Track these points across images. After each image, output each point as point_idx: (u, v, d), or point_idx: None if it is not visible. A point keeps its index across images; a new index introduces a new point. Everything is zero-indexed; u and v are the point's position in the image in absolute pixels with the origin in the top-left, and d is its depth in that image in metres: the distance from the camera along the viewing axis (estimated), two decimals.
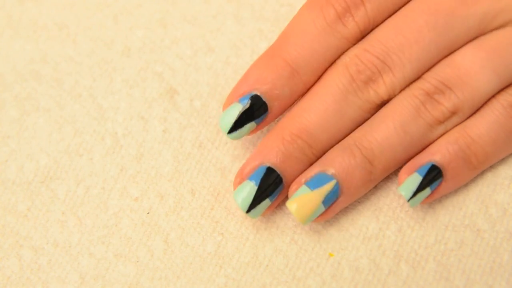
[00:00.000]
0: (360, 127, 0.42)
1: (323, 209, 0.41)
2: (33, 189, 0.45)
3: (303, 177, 0.41)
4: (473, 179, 0.43)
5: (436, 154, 0.41)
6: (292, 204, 0.41)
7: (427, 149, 0.42)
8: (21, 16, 0.49)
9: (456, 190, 0.43)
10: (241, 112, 0.42)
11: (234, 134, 0.42)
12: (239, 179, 0.42)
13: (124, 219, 0.44)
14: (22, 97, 0.47)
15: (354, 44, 0.43)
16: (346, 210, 0.43)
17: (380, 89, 0.42)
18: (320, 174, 0.41)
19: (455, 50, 0.42)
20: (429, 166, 0.41)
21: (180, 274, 0.43)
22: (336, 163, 0.41)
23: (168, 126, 0.46)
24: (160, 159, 0.45)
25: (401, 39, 0.42)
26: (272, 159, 0.41)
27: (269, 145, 0.42)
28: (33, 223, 0.44)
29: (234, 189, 0.42)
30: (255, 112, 0.42)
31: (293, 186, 0.42)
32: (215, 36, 0.48)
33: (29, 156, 0.45)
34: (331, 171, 0.41)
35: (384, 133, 0.41)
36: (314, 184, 0.41)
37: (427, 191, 0.41)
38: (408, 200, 0.41)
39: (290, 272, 0.42)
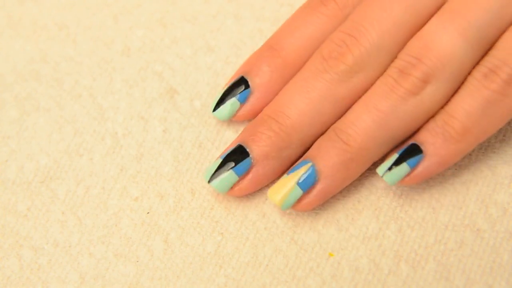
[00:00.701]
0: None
1: (300, 192, 0.42)
2: (33, 189, 0.45)
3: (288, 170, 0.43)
4: (473, 179, 0.43)
5: (416, 137, 0.42)
6: (270, 191, 0.42)
7: (412, 135, 0.42)
8: (21, 16, 0.49)
9: (456, 190, 0.43)
10: (225, 89, 0.44)
11: (218, 111, 0.44)
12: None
13: (124, 219, 0.44)
14: (22, 97, 0.47)
15: (335, 23, 0.44)
16: (346, 210, 0.43)
17: (347, 59, 0.42)
18: (300, 162, 0.42)
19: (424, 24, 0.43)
20: (408, 146, 0.42)
21: (180, 274, 0.43)
22: (313, 150, 0.42)
23: (168, 126, 0.46)
24: (160, 159, 0.45)
25: (369, 12, 0.42)
26: (243, 138, 0.43)
27: (245, 129, 0.43)
28: (33, 223, 0.44)
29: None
30: (236, 88, 0.44)
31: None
32: (215, 36, 0.48)
33: (29, 156, 0.45)
34: (309, 157, 0.42)
35: (356, 114, 0.42)
36: (291, 170, 0.42)
37: (405, 167, 0.42)
38: (382, 176, 0.42)
39: (290, 272, 0.42)
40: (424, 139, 0.42)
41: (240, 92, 0.44)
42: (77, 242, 0.43)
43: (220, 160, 0.43)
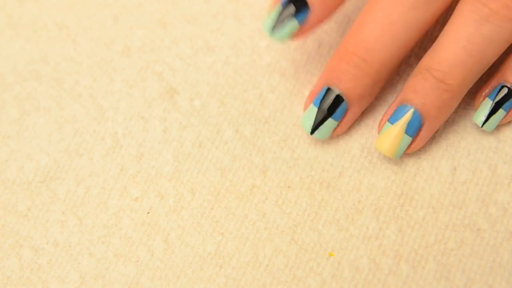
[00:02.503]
0: (429, 50, 0.41)
1: (409, 139, 0.42)
2: (33, 189, 0.45)
3: (386, 116, 0.42)
4: (473, 179, 0.43)
5: (504, 75, 0.41)
6: (378, 143, 0.42)
7: (497, 73, 0.41)
8: (21, 16, 0.49)
9: (456, 190, 0.43)
10: (281, 10, 0.42)
11: (277, 34, 0.42)
12: (306, 105, 0.43)
13: (124, 219, 0.44)
14: (22, 97, 0.47)
15: None
16: (346, 210, 0.43)
17: None
18: (399, 107, 0.42)
19: None
20: (498, 88, 0.41)
21: (180, 274, 0.43)
22: (411, 92, 0.41)
23: (168, 126, 0.46)
24: (160, 159, 0.45)
25: None
26: (331, 80, 0.42)
27: (329, 67, 0.42)
28: (33, 223, 0.44)
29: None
30: (294, 8, 0.42)
31: (379, 127, 0.42)
32: (215, 36, 0.48)
33: (29, 156, 0.45)
34: (408, 101, 0.41)
35: (450, 50, 0.40)
36: (394, 118, 0.42)
37: (501, 113, 0.41)
38: (482, 126, 0.41)
39: (290, 272, 0.42)
40: None
41: (299, 13, 0.41)
42: (77, 242, 0.43)
43: (315, 108, 0.42)
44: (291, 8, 0.41)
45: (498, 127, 0.44)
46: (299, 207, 0.44)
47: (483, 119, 0.41)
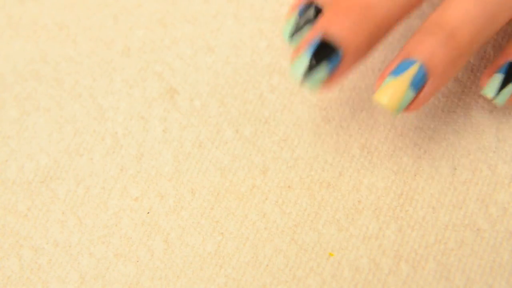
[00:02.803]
0: (438, 6, 0.41)
1: (412, 94, 0.40)
2: (33, 189, 0.45)
3: (388, 69, 0.40)
4: (473, 179, 0.43)
5: (511, 53, 0.41)
6: (379, 96, 0.40)
7: (503, 51, 0.41)
8: (21, 16, 0.49)
9: (456, 190, 0.43)
10: (297, 17, 0.42)
11: (296, 40, 0.42)
12: (296, 53, 0.41)
13: (124, 219, 0.44)
14: (22, 97, 0.47)
15: None
16: (346, 210, 0.43)
17: None
18: (403, 61, 0.40)
19: None
20: (507, 65, 0.41)
21: (180, 274, 0.43)
22: (417, 47, 0.40)
23: (168, 126, 0.46)
24: (160, 159, 0.45)
25: None
26: (327, 30, 0.40)
27: (324, 18, 0.41)
28: (33, 223, 0.44)
29: (291, 62, 0.41)
30: (309, 15, 0.42)
31: (379, 80, 0.40)
32: (215, 36, 0.48)
33: (29, 156, 0.45)
34: (414, 56, 0.40)
35: (462, 7, 0.39)
36: (398, 71, 0.40)
37: (511, 87, 0.41)
38: (494, 98, 0.41)
39: (290, 272, 0.42)
40: None
41: (314, 19, 0.42)
42: (77, 242, 0.43)
43: (307, 56, 0.40)
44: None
45: (498, 126, 0.44)
46: (299, 207, 0.44)
47: (495, 91, 0.40)
